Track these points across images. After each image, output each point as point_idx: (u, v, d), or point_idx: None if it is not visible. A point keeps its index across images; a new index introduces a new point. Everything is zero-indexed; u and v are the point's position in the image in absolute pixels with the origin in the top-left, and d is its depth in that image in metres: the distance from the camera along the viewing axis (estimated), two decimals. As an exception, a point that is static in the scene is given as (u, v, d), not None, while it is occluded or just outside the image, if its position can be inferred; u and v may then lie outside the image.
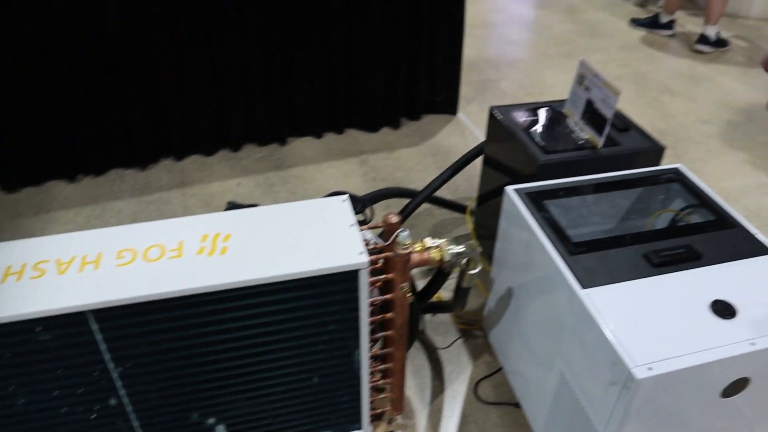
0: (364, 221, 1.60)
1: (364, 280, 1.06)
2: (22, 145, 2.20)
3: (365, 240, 1.11)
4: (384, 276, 1.17)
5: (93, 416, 1.08)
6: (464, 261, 1.25)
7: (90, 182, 2.37)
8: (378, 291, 1.21)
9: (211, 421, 1.18)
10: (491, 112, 1.74)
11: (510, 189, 1.38)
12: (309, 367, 1.16)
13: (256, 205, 1.19)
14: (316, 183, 2.37)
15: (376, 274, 1.15)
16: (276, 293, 1.03)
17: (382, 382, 1.37)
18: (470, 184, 2.34)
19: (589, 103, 1.56)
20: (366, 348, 1.17)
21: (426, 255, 1.21)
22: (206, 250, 1.04)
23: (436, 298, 1.46)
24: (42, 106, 2.14)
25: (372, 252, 1.13)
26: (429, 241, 1.23)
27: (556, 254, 1.18)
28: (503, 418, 1.51)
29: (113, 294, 0.95)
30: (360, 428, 1.32)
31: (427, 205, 2.17)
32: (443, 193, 2.20)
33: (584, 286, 1.11)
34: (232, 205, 1.48)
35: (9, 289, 0.96)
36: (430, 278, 1.40)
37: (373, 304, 1.17)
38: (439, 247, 1.22)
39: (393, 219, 1.12)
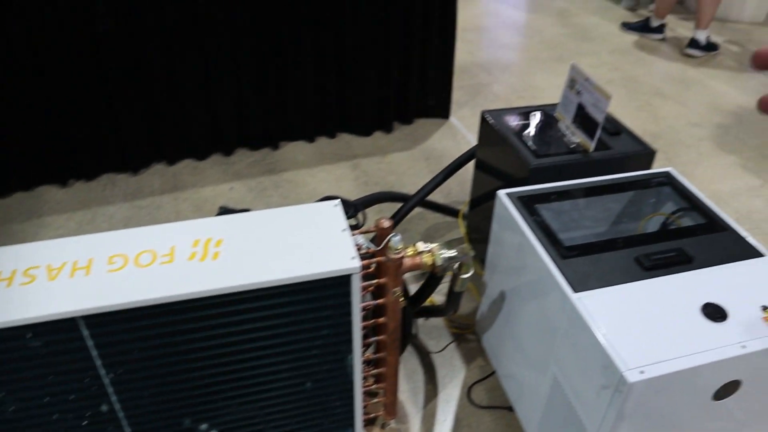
0: (356, 226, 1.60)
1: (357, 285, 1.06)
2: (13, 149, 2.19)
3: (357, 245, 1.11)
4: (376, 280, 1.17)
5: (84, 423, 1.08)
6: (456, 265, 1.26)
7: (82, 187, 2.36)
8: (370, 296, 1.21)
9: (204, 426, 1.17)
10: (483, 116, 1.75)
11: (502, 193, 1.39)
12: (302, 372, 1.15)
13: (248, 210, 1.19)
14: (308, 187, 2.37)
15: (368, 278, 1.15)
16: (268, 298, 1.02)
17: (375, 386, 1.36)
18: (463, 188, 2.34)
19: (581, 107, 1.56)
20: (359, 353, 1.16)
21: (418, 259, 1.21)
22: (198, 255, 1.04)
23: (429, 302, 1.46)
24: (33, 111, 2.13)
25: (364, 257, 1.13)
26: (421, 246, 1.23)
27: (548, 258, 1.19)
28: (496, 421, 1.51)
29: (104, 300, 0.95)
30: (353, 433, 1.32)
31: (419, 209, 2.17)
32: (436, 197, 2.21)
33: (576, 289, 1.11)
34: (224, 210, 1.48)
35: (-1, 295, 0.95)
36: (422, 282, 1.40)
37: (365, 308, 1.17)
38: (431, 251, 1.22)
39: (385, 223, 1.12)
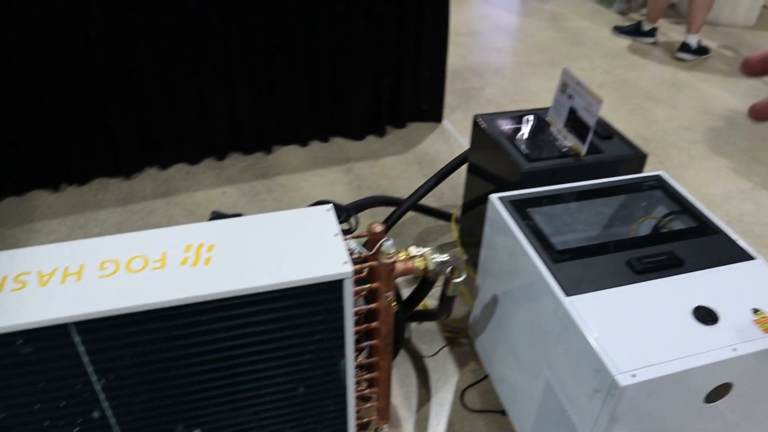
0: (348, 230, 1.60)
1: (349, 290, 1.06)
2: (4, 153, 2.18)
3: (350, 249, 1.11)
4: (369, 285, 1.17)
5: (76, 429, 1.07)
6: (449, 269, 1.26)
7: (73, 191, 2.35)
8: (363, 300, 1.21)
9: (196, 432, 1.17)
10: (475, 120, 1.75)
11: (494, 197, 1.39)
12: (294, 377, 1.15)
13: (240, 215, 1.19)
14: (301, 191, 2.37)
15: (360, 283, 1.15)
16: (260, 303, 1.02)
17: (368, 391, 1.36)
18: (455, 192, 2.35)
19: (572, 111, 1.57)
20: (351, 357, 1.16)
21: (410, 264, 1.21)
22: (190, 260, 1.04)
23: (422, 306, 1.46)
24: (25, 115, 2.12)
25: (356, 261, 1.13)
26: (413, 250, 1.23)
27: (540, 262, 1.19)
28: (490, 425, 1.51)
29: (96, 306, 0.94)
30: (346, 438, 1.32)
31: (412, 213, 2.17)
32: (428, 201, 2.21)
33: (568, 293, 1.11)
34: (217, 215, 1.48)
35: (-11, 301, 0.95)
36: (415, 286, 1.40)
37: (358, 313, 1.17)
38: (423, 256, 1.23)
39: (377, 228, 1.12)
